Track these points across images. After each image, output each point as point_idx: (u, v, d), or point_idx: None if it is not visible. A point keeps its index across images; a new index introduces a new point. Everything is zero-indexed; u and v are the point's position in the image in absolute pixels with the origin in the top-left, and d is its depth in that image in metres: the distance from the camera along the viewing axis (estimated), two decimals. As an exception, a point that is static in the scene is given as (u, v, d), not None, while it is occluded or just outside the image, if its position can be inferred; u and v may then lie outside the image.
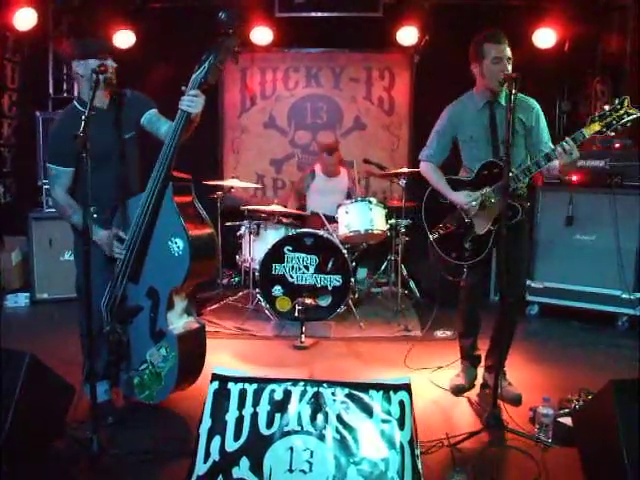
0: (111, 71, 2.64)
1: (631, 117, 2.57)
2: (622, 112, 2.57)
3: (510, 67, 2.80)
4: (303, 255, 4.28)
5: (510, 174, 2.74)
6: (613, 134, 2.63)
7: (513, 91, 2.58)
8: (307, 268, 4.28)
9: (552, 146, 2.83)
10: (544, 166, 2.76)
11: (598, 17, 5.22)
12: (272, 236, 4.50)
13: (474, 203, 2.92)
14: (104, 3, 5.41)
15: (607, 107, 2.61)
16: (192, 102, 2.52)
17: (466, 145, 3.03)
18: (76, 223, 2.70)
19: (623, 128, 2.64)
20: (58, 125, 2.79)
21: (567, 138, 2.64)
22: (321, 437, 1.95)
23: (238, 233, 4.80)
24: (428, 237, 3.13)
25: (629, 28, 5.03)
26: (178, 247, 2.60)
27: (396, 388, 2.01)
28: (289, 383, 2.05)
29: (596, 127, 2.61)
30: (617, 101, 2.60)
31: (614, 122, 2.59)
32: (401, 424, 1.96)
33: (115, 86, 2.73)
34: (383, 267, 5.15)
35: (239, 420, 2.00)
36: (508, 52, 2.83)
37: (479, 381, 3.22)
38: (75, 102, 2.78)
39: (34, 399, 2.21)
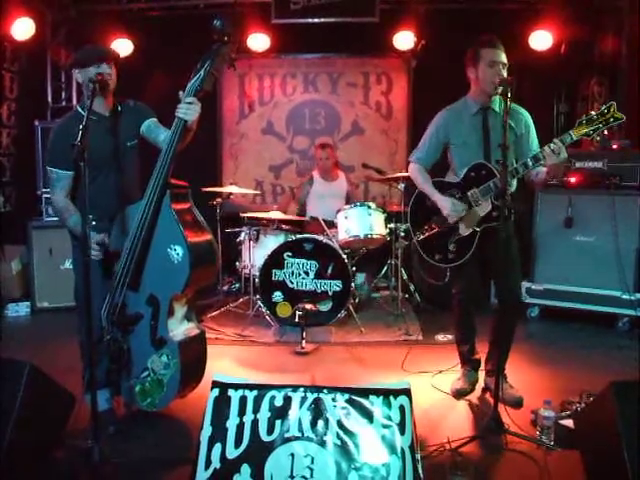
0: (107, 77, 2.61)
1: (617, 122, 2.66)
2: (608, 116, 2.67)
3: (505, 73, 2.83)
4: (303, 261, 4.28)
5: (497, 177, 2.81)
6: (599, 138, 2.70)
7: (509, 95, 2.63)
8: (307, 273, 4.28)
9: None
10: (532, 168, 2.80)
11: (594, 19, 5.25)
12: (272, 242, 4.50)
13: (457, 213, 2.95)
14: (101, 12, 5.44)
15: (594, 112, 2.71)
16: (188, 110, 2.54)
17: (458, 150, 3.04)
18: (72, 227, 2.70)
19: (614, 129, 2.72)
20: (59, 129, 2.75)
21: (555, 139, 2.69)
22: (322, 443, 1.95)
23: (238, 239, 4.80)
24: (412, 239, 3.16)
25: (625, 29, 5.05)
26: (178, 254, 2.60)
27: (396, 393, 2.01)
28: (289, 389, 2.04)
29: (583, 129, 2.70)
30: (604, 106, 2.69)
31: (601, 125, 2.69)
32: (402, 429, 1.95)
33: (111, 91, 2.71)
34: (383, 271, 5.16)
35: (240, 427, 2.00)
36: (503, 58, 2.87)
37: (480, 385, 3.21)
38: (79, 107, 2.77)
39: (34, 409, 2.21)
